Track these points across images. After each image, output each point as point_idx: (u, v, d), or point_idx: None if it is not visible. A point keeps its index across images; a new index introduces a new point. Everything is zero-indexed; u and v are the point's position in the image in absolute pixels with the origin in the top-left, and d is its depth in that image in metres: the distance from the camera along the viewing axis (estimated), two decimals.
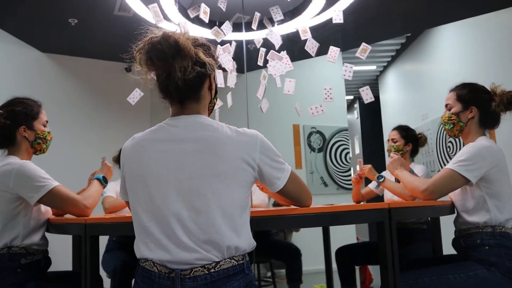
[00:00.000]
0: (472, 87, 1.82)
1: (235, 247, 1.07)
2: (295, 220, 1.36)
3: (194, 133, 1.10)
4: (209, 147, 1.08)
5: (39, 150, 1.83)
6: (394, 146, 2.62)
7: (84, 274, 1.51)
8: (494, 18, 3.77)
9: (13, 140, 1.74)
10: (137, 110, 4.16)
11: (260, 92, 2.14)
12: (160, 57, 1.09)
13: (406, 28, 4.31)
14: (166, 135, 1.12)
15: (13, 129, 1.73)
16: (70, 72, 4.35)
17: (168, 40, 1.09)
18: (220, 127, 1.12)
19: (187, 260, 1.03)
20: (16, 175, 1.61)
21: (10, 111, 1.74)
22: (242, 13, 2.70)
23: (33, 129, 1.78)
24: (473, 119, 1.77)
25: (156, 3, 2.04)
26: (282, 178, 1.18)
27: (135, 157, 1.13)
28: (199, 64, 1.12)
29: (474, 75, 4.06)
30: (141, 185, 1.10)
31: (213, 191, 1.06)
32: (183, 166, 1.07)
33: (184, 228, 1.05)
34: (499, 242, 1.59)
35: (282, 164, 1.19)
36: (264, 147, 1.14)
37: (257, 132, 1.16)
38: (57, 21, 3.50)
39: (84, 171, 4.09)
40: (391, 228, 1.46)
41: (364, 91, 2.02)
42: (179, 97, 1.15)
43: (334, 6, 2.73)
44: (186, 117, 1.15)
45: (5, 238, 1.65)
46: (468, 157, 1.62)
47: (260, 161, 1.12)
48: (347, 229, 4.79)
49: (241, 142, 1.10)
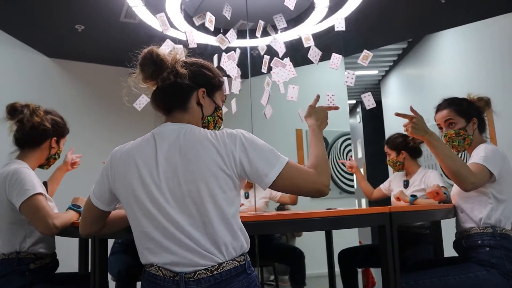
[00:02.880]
0: (464, 100, 1.88)
1: (233, 247, 1.10)
2: (297, 224, 1.39)
3: (179, 141, 1.14)
4: (193, 153, 1.11)
5: (47, 165, 1.88)
6: (390, 160, 2.68)
7: (93, 276, 1.55)
8: (494, 24, 3.81)
9: (38, 146, 1.79)
10: (141, 116, 4.20)
11: (264, 98, 2.19)
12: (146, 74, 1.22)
13: (407, 33, 4.35)
14: (154, 145, 1.15)
15: (47, 136, 1.80)
16: (76, 77, 4.41)
17: (150, 57, 1.20)
18: (202, 132, 1.15)
19: (191, 260, 1.07)
20: (9, 181, 1.63)
21: (54, 120, 1.82)
22: (246, 20, 2.74)
23: (58, 145, 1.86)
24: (476, 129, 1.85)
25: (163, 12, 2.09)
26: (273, 172, 1.11)
27: (127, 167, 1.15)
28: (174, 74, 1.21)
29: (475, 80, 4.09)
30: (135, 195, 1.12)
31: (203, 195, 1.08)
32: (173, 173, 1.11)
33: (183, 232, 1.08)
34: (500, 243, 1.62)
35: (271, 158, 1.13)
36: (245, 144, 1.13)
37: (238, 130, 1.16)
38: (64, 28, 3.57)
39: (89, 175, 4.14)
40: (392, 231, 1.49)
41: (366, 97, 2.05)
42: (162, 106, 1.24)
43: (336, 13, 2.77)
44: (173, 125, 1.20)
45: (13, 245, 1.67)
46: (488, 154, 1.67)
47: (242, 159, 1.12)
48: (349, 233, 4.81)
49: (221, 144, 1.12)
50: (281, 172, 1.12)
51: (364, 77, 7.44)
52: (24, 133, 1.74)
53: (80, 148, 4.32)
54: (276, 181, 1.12)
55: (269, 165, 1.12)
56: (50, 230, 1.58)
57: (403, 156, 2.63)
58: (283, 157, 1.15)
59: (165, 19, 2.08)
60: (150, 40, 1.33)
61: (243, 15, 2.65)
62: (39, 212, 1.58)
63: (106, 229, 1.32)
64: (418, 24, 3.85)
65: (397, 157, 2.63)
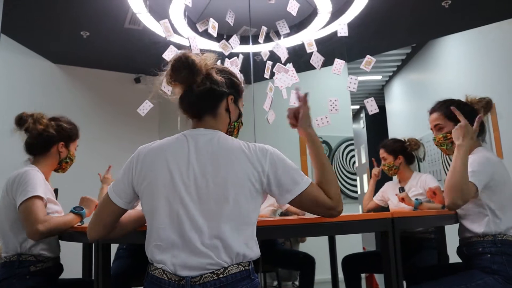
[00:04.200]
0: (453, 102, 1.80)
1: (243, 254, 1.11)
2: (299, 229, 1.39)
3: (211, 146, 1.17)
4: (225, 160, 1.14)
5: (62, 169, 1.94)
6: (385, 164, 2.67)
7: (96, 281, 1.55)
8: (498, 29, 3.81)
9: (46, 151, 1.85)
10: (146, 121, 4.23)
11: (267, 104, 2.19)
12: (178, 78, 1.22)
13: (410, 39, 4.35)
14: (187, 145, 1.18)
15: (53, 142, 1.85)
16: (81, 83, 4.45)
17: (186, 61, 1.21)
18: (235, 142, 1.19)
19: (198, 264, 1.07)
20: (17, 181, 1.68)
21: (59, 126, 1.88)
22: (249, 26, 2.76)
23: (68, 149, 1.92)
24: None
25: (167, 18, 2.11)
26: (297, 189, 1.17)
27: (156, 163, 1.17)
28: (210, 81, 1.23)
29: (479, 84, 4.08)
30: (161, 190, 1.14)
31: (228, 200, 1.11)
32: (202, 174, 1.13)
33: (198, 233, 1.09)
34: (501, 249, 1.60)
35: (296, 177, 1.18)
36: (274, 160, 1.18)
37: (269, 146, 1.22)
38: (69, 34, 3.61)
39: (93, 180, 4.16)
40: (394, 237, 1.48)
41: (368, 102, 2.06)
42: (193, 110, 1.25)
43: (339, 19, 2.78)
44: (205, 130, 1.23)
45: (14, 245, 1.69)
46: (475, 168, 1.63)
47: (270, 174, 1.16)
48: (353, 239, 4.79)
49: (253, 156, 1.16)
50: (304, 191, 1.18)
51: (368, 82, 7.44)
52: (31, 141, 1.83)
53: (84, 153, 4.33)
54: (296, 198, 1.18)
55: (294, 183, 1.18)
56: (34, 235, 1.60)
57: (400, 161, 2.63)
58: (307, 178, 1.21)
59: (169, 25, 2.09)
60: (154, 46, 1.35)
61: (246, 21, 2.67)
62: (30, 215, 1.61)
63: (113, 234, 1.30)
64: (422, 29, 3.86)
65: (394, 161, 2.64)
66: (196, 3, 2.75)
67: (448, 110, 1.76)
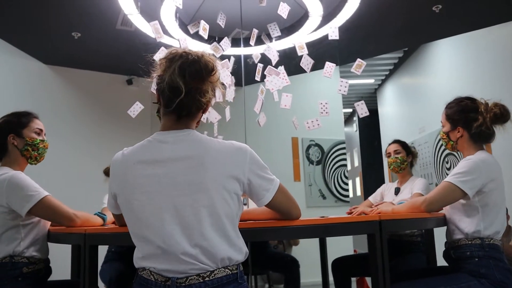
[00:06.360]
0: (460, 106, 1.81)
1: (228, 257, 1.10)
2: (288, 231, 1.39)
3: (184, 150, 1.13)
4: (198, 162, 1.11)
5: (30, 158, 1.82)
6: (398, 157, 2.61)
7: (83, 282, 1.54)
8: (489, 33, 3.85)
9: (5, 150, 1.80)
10: (137, 123, 4.21)
11: (258, 106, 2.19)
12: (193, 75, 1.13)
13: (401, 43, 4.39)
14: (157, 153, 1.14)
15: (3, 138, 1.79)
16: (72, 84, 4.42)
17: (207, 64, 1.16)
18: (209, 141, 1.16)
19: (182, 270, 1.07)
20: (7, 187, 1.64)
21: (2, 121, 1.83)
22: (241, 29, 2.77)
23: (22, 137, 1.80)
24: (462, 137, 1.79)
25: (157, 20, 2.10)
26: (271, 190, 1.21)
27: (126, 175, 1.15)
28: (214, 92, 1.23)
29: (470, 89, 4.12)
30: (136, 201, 1.12)
31: (205, 205, 1.09)
32: (175, 183, 1.10)
33: (179, 242, 1.08)
34: (488, 253, 1.61)
35: (270, 176, 1.22)
36: (253, 160, 1.17)
37: (246, 146, 1.19)
38: (60, 35, 3.58)
39: (84, 182, 4.13)
40: (382, 240, 1.49)
41: (359, 105, 2.06)
42: (181, 112, 1.16)
43: (330, 23, 2.80)
44: (176, 132, 1.17)
45: (7, 249, 1.67)
46: (464, 170, 1.65)
47: (249, 174, 1.16)
48: (344, 242, 4.80)
49: (231, 156, 1.14)
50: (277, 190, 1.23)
51: (361, 86, 7.48)
52: None
53: (75, 155, 4.35)
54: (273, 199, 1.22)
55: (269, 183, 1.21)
56: (74, 222, 1.69)
57: (410, 160, 2.66)
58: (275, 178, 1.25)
59: (159, 26, 2.09)
60: (145, 48, 1.33)
61: (238, 24, 2.67)
62: (57, 209, 1.68)
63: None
64: (413, 33, 3.89)
65: (406, 157, 2.65)
66: (188, 6, 2.75)
67: (448, 110, 1.84)
